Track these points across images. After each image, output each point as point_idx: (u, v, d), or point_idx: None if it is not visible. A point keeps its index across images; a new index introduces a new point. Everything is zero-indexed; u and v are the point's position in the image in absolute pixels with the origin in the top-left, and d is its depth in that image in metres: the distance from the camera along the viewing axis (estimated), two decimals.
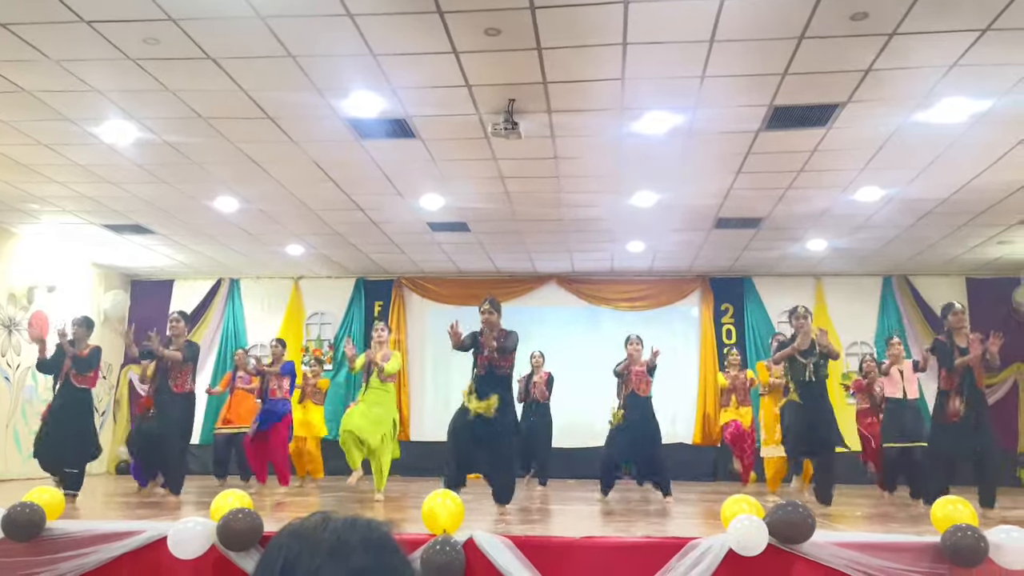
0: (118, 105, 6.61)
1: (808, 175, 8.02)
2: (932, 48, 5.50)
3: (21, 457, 10.40)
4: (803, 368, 6.84)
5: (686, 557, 3.91)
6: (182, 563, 4.05)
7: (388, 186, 8.52)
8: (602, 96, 6.36)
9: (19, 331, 10.58)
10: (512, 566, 3.89)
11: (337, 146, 7.41)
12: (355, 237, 10.62)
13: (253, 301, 12.95)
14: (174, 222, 9.99)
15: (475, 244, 10.87)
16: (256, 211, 9.49)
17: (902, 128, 6.84)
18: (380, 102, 6.49)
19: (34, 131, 7.15)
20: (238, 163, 7.88)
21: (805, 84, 6.07)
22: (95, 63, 5.87)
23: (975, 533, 3.89)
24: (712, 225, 9.83)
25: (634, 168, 7.91)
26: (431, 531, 4.04)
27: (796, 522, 3.93)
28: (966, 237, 10.11)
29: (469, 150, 7.49)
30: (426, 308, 12.80)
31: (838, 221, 9.55)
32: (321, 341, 12.73)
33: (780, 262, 11.58)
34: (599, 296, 12.51)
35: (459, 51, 5.63)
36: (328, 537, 1.10)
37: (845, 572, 3.90)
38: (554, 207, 9.20)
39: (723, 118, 6.74)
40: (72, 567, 4.16)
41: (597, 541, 4.13)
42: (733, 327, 12.33)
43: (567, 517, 6.35)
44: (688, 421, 12.03)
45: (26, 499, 4.36)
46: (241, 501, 4.19)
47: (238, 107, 6.59)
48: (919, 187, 8.27)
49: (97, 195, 8.92)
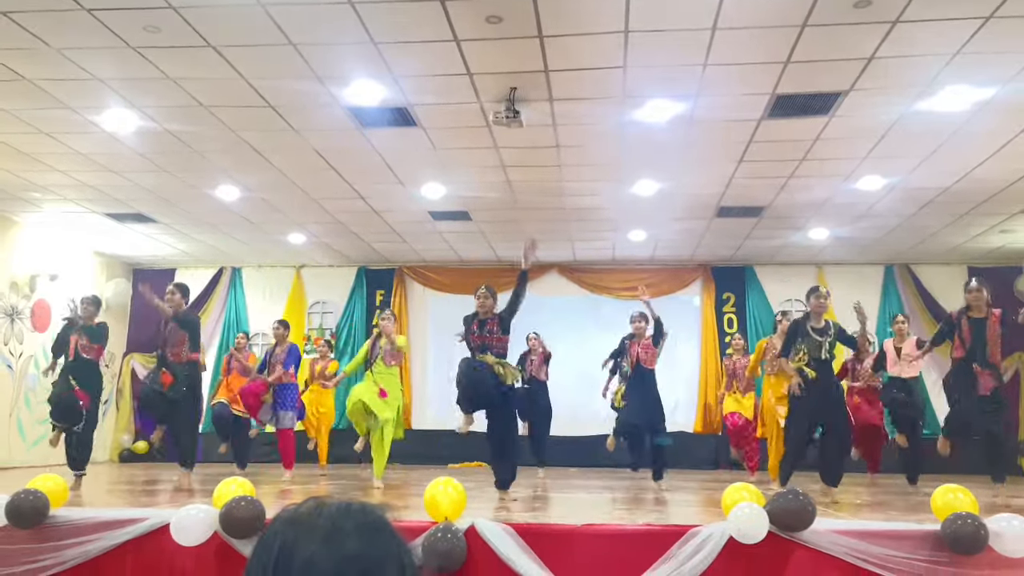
0: (119, 93, 6.61)
1: (810, 164, 8.00)
2: (935, 36, 5.48)
3: (25, 445, 10.45)
4: (819, 346, 6.86)
5: (687, 545, 3.93)
6: (185, 550, 4.08)
7: (390, 175, 8.51)
8: (604, 84, 6.34)
9: (21, 320, 10.60)
10: (514, 553, 3.91)
11: (338, 134, 7.40)
12: (357, 226, 10.62)
13: (255, 290, 12.96)
14: (176, 211, 9.99)
15: (476, 233, 10.87)
16: (258, 200, 9.48)
17: (904, 116, 6.82)
18: (381, 90, 6.48)
19: (35, 119, 7.15)
20: (239, 151, 7.87)
21: (808, 72, 6.06)
22: (96, 51, 5.86)
23: (975, 521, 3.90)
24: (714, 214, 9.82)
25: (636, 156, 7.90)
26: (433, 518, 4.06)
27: (796, 510, 3.95)
28: (968, 226, 10.10)
29: (470, 139, 7.48)
30: (428, 297, 12.82)
31: (840, 210, 9.53)
32: (323, 330, 12.75)
33: (782, 251, 11.58)
34: (600, 285, 12.51)
35: (460, 39, 5.62)
36: (323, 523, 1.09)
37: (845, 560, 3.92)
38: (555, 196, 9.19)
39: (725, 106, 6.73)
40: (76, 554, 4.18)
41: (598, 529, 4.15)
42: (735, 316, 12.34)
43: (568, 505, 6.37)
44: (689, 410, 12.05)
45: (30, 486, 4.39)
46: (243, 488, 4.21)
47: (239, 95, 6.58)
48: (921, 176, 8.25)
49: (99, 183, 8.92)
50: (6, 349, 10.37)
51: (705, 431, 11.89)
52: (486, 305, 6.55)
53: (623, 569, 3.94)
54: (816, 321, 6.93)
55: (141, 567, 4.17)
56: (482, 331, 6.49)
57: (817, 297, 6.99)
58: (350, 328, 12.66)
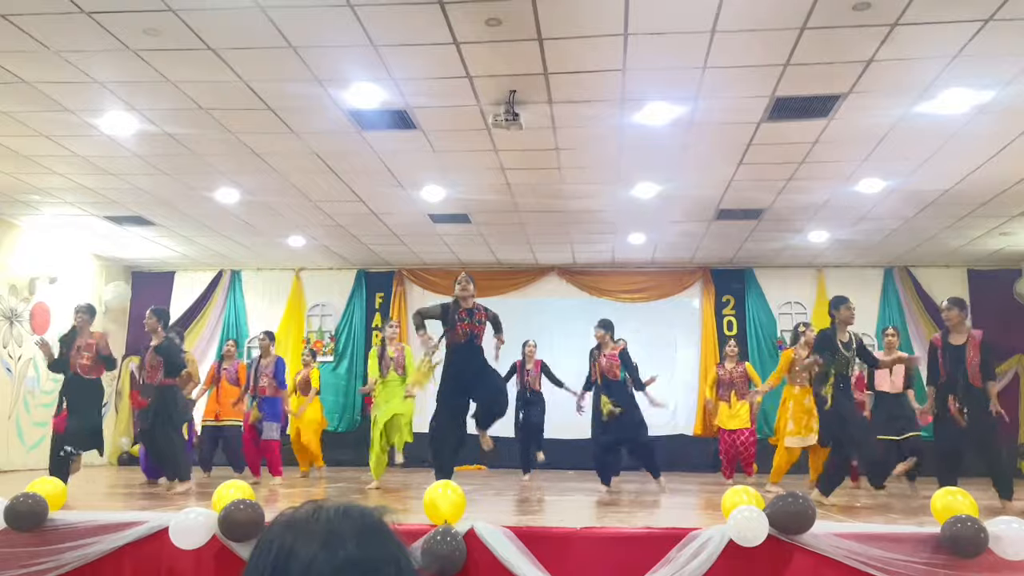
0: (119, 96, 6.61)
1: (809, 166, 8.00)
2: (934, 39, 5.48)
3: (24, 448, 10.44)
4: (847, 363, 6.49)
5: (686, 547, 3.92)
6: (184, 553, 4.07)
7: (389, 177, 8.51)
8: (603, 87, 6.34)
9: (20, 323, 10.59)
10: (513, 557, 3.90)
11: (338, 137, 7.40)
12: (356, 229, 10.62)
13: (254, 293, 12.95)
14: (175, 214, 9.99)
15: (476, 236, 10.87)
16: (257, 203, 9.48)
17: (904, 119, 6.82)
18: (381, 93, 6.48)
19: (35, 122, 7.15)
20: (239, 154, 7.87)
21: (807, 75, 6.06)
22: (96, 54, 5.86)
23: (975, 524, 3.89)
24: (713, 216, 9.82)
25: (635, 159, 7.90)
26: (432, 521, 4.05)
27: (796, 513, 3.94)
28: (967, 228, 10.10)
29: (470, 141, 7.48)
30: (427, 300, 12.67)
31: (839, 212, 9.53)
32: (323, 333, 12.75)
33: (781, 253, 11.58)
34: (600, 288, 12.51)
35: (460, 41, 5.62)
36: (321, 527, 1.09)
37: (845, 563, 3.91)
38: (555, 198, 9.19)
39: (724, 109, 6.73)
40: (74, 557, 4.17)
41: (597, 532, 4.14)
42: (734, 319, 12.34)
43: (567, 508, 6.36)
44: (689, 413, 12.05)
45: (28, 490, 4.39)
46: (243, 492, 4.20)
47: (239, 98, 6.58)
48: (921, 178, 8.26)
49: (98, 186, 8.92)
50: (5, 352, 10.36)
51: (705, 434, 11.86)
52: (468, 290, 6.55)
53: (622, 572, 3.93)
54: (843, 334, 6.53)
55: (140, 570, 4.17)
56: (472, 319, 6.45)
57: (848, 308, 6.55)
58: (350, 331, 12.65)
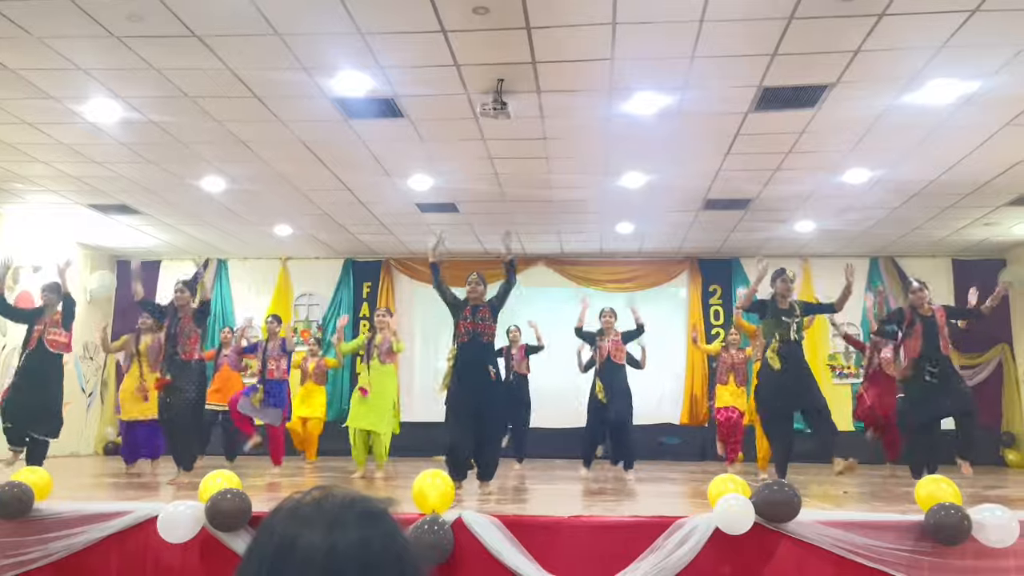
0: (102, 83, 6.54)
1: (796, 156, 8.02)
2: (921, 29, 5.50)
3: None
4: (788, 327, 6.71)
5: (673, 536, 3.94)
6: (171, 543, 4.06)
7: (376, 166, 8.48)
8: (591, 76, 6.33)
9: None
10: (500, 545, 3.91)
11: (325, 126, 7.36)
12: (343, 218, 10.58)
13: (241, 282, 12.89)
14: (160, 202, 9.92)
15: (464, 225, 10.84)
16: (243, 191, 9.42)
17: (890, 109, 6.85)
18: (368, 81, 6.44)
19: (17, 109, 7.07)
20: (225, 143, 7.81)
21: (794, 65, 6.07)
22: (79, 40, 5.79)
23: (959, 512, 3.93)
24: (701, 206, 9.84)
25: (623, 149, 7.90)
26: (420, 510, 4.05)
27: (782, 501, 3.97)
28: (952, 219, 10.17)
29: (458, 130, 7.46)
30: (415, 289, 12.77)
31: (826, 202, 9.57)
32: (310, 322, 12.71)
33: (768, 243, 11.61)
34: (588, 278, 12.51)
35: (448, 30, 5.59)
36: (324, 515, 1.08)
37: (830, 551, 3.94)
38: (543, 188, 9.18)
39: (712, 99, 6.73)
40: (61, 547, 4.16)
41: (584, 520, 4.16)
42: (721, 308, 12.38)
43: (554, 496, 6.39)
44: (675, 402, 12.10)
45: (14, 478, 4.37)
46: (229, 481, 4.18)
47: (224, 86, 6.53)
48: (906, 168, 8.30)
49: (82, 175, 8.84)
50: None
51: (691, 423, 11.94)
52: (477, 291, 6.56)
53: (609, 560, 3.95)
54: (782, 303, 6.83)
55: (127, 560, 4.15)
56: (475, 318, 6.48)
57: (784, 281, 6.88)
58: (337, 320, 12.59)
